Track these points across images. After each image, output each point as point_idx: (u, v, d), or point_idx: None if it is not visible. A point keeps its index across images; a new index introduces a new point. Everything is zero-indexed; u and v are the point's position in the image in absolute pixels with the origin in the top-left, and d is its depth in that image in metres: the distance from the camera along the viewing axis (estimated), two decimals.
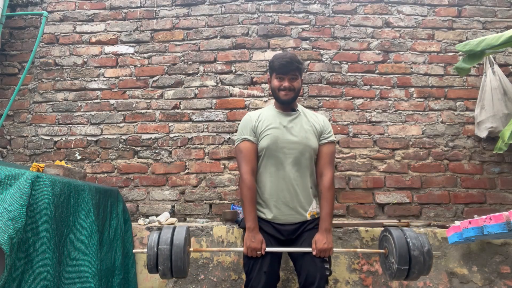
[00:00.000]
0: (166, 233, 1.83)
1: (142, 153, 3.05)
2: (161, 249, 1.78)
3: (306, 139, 2.03)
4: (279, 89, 2.03)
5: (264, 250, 1.89)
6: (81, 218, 1.97)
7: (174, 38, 3.21)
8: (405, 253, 1.80)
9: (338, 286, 2.50)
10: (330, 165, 2.06)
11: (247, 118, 2.11)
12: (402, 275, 1.84)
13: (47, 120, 3.15)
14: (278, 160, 2.01)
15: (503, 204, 2.83)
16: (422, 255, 1.80)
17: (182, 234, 1.84)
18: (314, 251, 1.88)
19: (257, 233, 1.92)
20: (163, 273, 1.80)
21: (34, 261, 1.56)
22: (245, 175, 1.97)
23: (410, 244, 1.81)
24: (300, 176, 2.01)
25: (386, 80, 3.07)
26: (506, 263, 2.48)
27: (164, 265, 1.78)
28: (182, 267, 1.79)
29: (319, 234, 1.93)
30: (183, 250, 1.79)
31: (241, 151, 2.03)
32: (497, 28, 3.12)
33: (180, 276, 1.85)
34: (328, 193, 2.00)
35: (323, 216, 1.96)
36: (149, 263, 1.80)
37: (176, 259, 1.78)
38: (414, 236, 1.85)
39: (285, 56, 2.02)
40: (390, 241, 1.89)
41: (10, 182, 1.56)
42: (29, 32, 3.33)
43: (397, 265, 1.81)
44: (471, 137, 2.95)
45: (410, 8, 3.17)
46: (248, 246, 1.89)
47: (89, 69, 3.21)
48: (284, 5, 3.20)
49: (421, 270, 1.82)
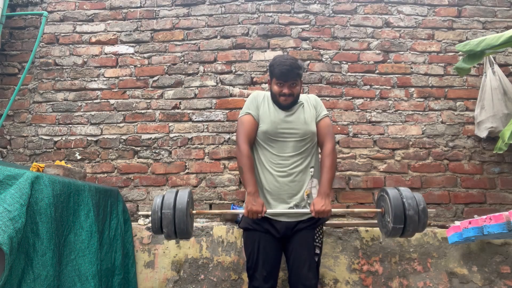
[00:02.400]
0: (169, 197, 1.90)
1: (142, 153, 3.05)
2: (165, 213, 1.85)
3: (306, 124, 2.10)
4: (279, 94, 2.09)
5: (264, 213, 1.95)
6: (81, 218, 1.97)
7: (174, 38, 3.21)
8: (401, 212, 1.86)
9: (338, 286, 2.50)
10: (329, 136, 2.13)
11: (255, 95, 2.19)
12: (397, 233, 1.90)
13: (47, 120, 3.15)
14: (278, 144, 2.07)
15: (503, 204, 2.83)
16: (417, 214, 1.85)
17: (184, 197, 1.90)
18: (312, 213, 1.94)
19: (257, 197, 1.98)
20: (167, 235, 1.88)
21: (34, 261, 1.56)
22: (243, 144, 2.04)
23: (405, 204, 1.86)
24: (300, 159, 2.07)
25: (386, 80, 3.07)
26: (506, 263, 2.48)
27: (168, 227, 1.85)
28: (185, 229, 1.87)
29: (318, 197, 1.99)
30: (185, 213, 1.86)
31: (243, 123, 2.11)
32: (497, 28, 3.12)
33: (184, 237, 1.93)
34: (327, 159, 2.06)
35: (322, 181, 2.02)
36: (153, 226, 1.89)
37: (179, 222, 1.85)
38: (410, 196, 1.90)
39: (285, 63, 2.03)
40: (387, 201, 1.94)
41: (10, 182, 1.56)
42: (29, 32, 3.33)
43: (393, 224, 1.87)
44: (471, 137, 2.95)
45: (410, 8, 3.17)
46: (249, 209, 1.94)
47: (89, 69, 3.21)
48: (284, 5, 3.20)
49: (416, 228, 1.88)
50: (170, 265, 2.60)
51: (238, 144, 2.07)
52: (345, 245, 2.57)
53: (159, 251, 2.63)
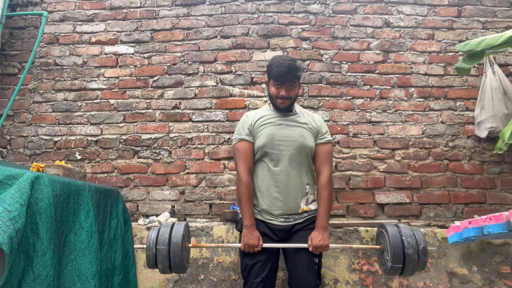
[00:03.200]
0: (164, 232, 1.85)
1: (142, 153, 3.05)
2: (159, 249, 1.80)
3: (302, 137, 2.04)
4: (277, 97, 2.04)
5: (261, 246, 1.92)
6: (81, 218, 1.97)
7: (174, 38, 3.21)
8: (399, 251, 1.80)
9: (338, 286, 2.50)
10: (327, 164, 2.07)
11: (244, 118, 2.13)
12: (396, 273, 1.85)
13: (47, 120, 3.15)
14: (275, 157, 2.02)
15: (503, 204, 2.83)
16: (416, 253, 1.80)
17: (180, 232, 1.85)
18: (310, 248, 1.91)
19: (254, 230, 1.94)
20: (162, 270, 1.85)
21: (34, 261, 1.56)
22: (242, 174, 2.00)
23: (404, 243, 1.80)
24: (296, 173, 2.02)
25: (386, 80, 3.07)
26: (506, 263, 2.48)
27: (163, 264, 1.81)
28: (181, 264, 1.82)
29: (316, 231, 1.95)
30: (180, 248, 1.82)
31: (238, 150, 2.05)
32: (497, 28, 3.12)
33: (180, 272, 1.89)
34: (325, 191, 2.01)
35: (320, 213, 1.98)
36: (148, 262, 1.85)
37: (174, 257, 1.80)
38: (409, 234, 1.83)
39: (283, 64, 1.98)
40: (386, 238, 1.90)
41: (10, 182, 1.56)
42: (29, 32, 3.33)
43: (391, 263, 1.82)
44: (471, 137, 2.95)
45: (410, 8, 3.18)
46: (246, 243, 1.92)
47: (89, 69, 3.21)
48: (284, 5, 3.20)
49: (415, 267, 1.82)
50: None
51: (238, 174, 2.02)
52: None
53: None
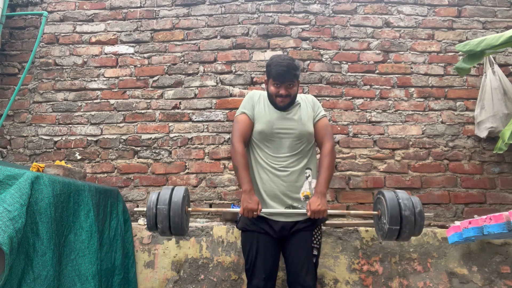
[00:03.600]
0: (165, 193, 1.88)
1: (142, 153, 3.05)
2: (160, 208, 1.83)
3: (302, 125, 2.08)
4: (276, 95, 2.06)
5: (260, 211, 1.94)
6: (81, 218, 1.97)
7: (174, 38, 3.21)
8: (396, 213, 1.84)
9: (338, 286, 2.50)
10: (328, 135, 2.11)
11: (251, 95, 2.18)
12: (393, 235, 1.87)
13: (47, 120, 3.15)
14: (274, 144, 2.05)
15: (503, 204, 2.83)
16: (413, 215, 1.83)
17: (180, 193, 1.88)
18: (308, 212, 1.93)
19: (253, 194, 1.96)
20: (162, 231, 1.85)
21: (34, 261, 1.56)
22: (237, 143, 2.04)
23: (401, 205, 1.84)
24: (297, 160, 2.05)
25: (386, 80, 3.07)
26: (506, 263, 2.48)
27: (163, 223, 1.83)
28: (180, 224, 1.84)
29: (314, 196, 1.97)
30: (181, 208, 1.84)
31: (238, 122, 2.11)
32: (497, 28, 3.12)
33: (179, 234, 1.90)
34: (325, 159, 2.04)
35: (319, 180, 2.01)
36: (148, 222, 1.86)
37: (174, 216, 1.82)
38: (406, 197, 1.88)
39: (282, 63, 2.00)
40: (383, 203, 1.92)
41: (10, 182, 1.56)
42: (29, 32, 3.33)
43: (389, 225, 1.84)
44: (471, 137, 2.95)
45: (410, 8, 3.18)
46: (245, 207, 1.93)
47: (89, 69, 3.21)
48: (284, 5, 3.20)
49: (412, 230, 1.85)
50: (170, 265, 2.60)
51: (233, 143, 2.06)
52: (345, 245, 2.57)
53: (159, 251, 2.63)
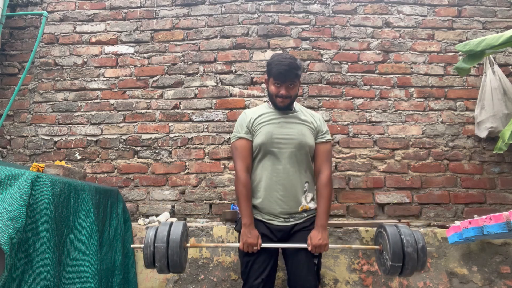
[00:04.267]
0: (162, 230, 1.84)
1: (142, 153, 3.05)
2: (158, 246, 1.79)
3: (302, 135, 2.03)
4: (276, 95, 2.02)
5: (260, 245, 1.91)
6: (81, 218, 1.97)
7: (174, 38, 3.22)
8: (399, 250, 1.81)
9: (338, 286, 2.50)
10: (327, 163, 2.06)
11: (243, 116, 2.11)
12: (396, 272, 1.85)
13: (47, 120, 3.15)
14: (274, 155, 2.01)
15: (503, 204, 2.83)
16: (416, 252, 1.81)
17: (178, 230, 1.84)
18: (309, 247, 1.90)
19: (253, 228, 1.93)
20: (160, 269, 1.82)
21: (34, 261, 1.56)
22: (240, 172, 1.98)
23: (404, 241, 1.81)
24: (296, 172, 2.01)
25: (386, 80, 3.07)
26: (506, 263, 2.48)
27: (161, 262, 1.79)
28: (179, 262, 1.80)
29: (315, 230, 1.94)
30: (179, 245, 1.80)
31: (237, 148, 2.04)
32: (497, 28, 3.12)
33: (177, 271, 1.86)
34: (324, 190, 2.00)
35: (319, 213, 1.97)
36: (146, 260, 1.82)
37: (173, 254, 1.78)
38: (408, 233, 1.85)
39: (283, 62, 1.96)
40: (385, 238, 1.89)
41: (10, 182, 1.56)
42: (29, 32, 3.33)
43: (391, 262, 1.82)
44: (471, 137, 2.95)
45: (410, 8, 3.18)
46: (245, 242, 1.90)
47: (89, 69, 3.21)
48: (284, 5, 3.20)
49: (415, 266, 1.83)
50: None
51: (236, 172, 2.00)
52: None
53: None
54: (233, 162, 2.13)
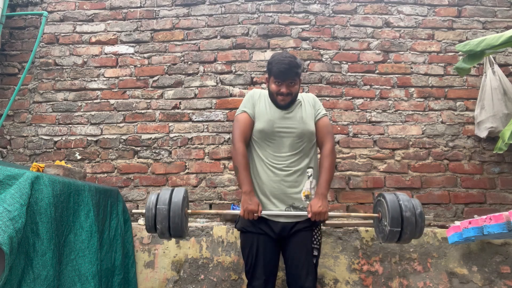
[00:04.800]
0: (164, 193, 1.87)
1: (142, 153, 3.05)
2: (159, 208, 1.80)
3: (303, 123, 2.06)
4: (277, 93, 2.03)
5: (260, 212, 1.93)
6: (81, 218, 1.97)
7: (174, 38, 3.22)
8: (398, 214, 1.83)
9: (338, 286, 2.50)
10: (329, 135, 2.09)
11: (251, 93, 2.16)
12: (394, 237, 1.86)
13: (47, 120, 3.15)
14: (275, 143, 2.03)
15: (503, 204, 2.83)
16: (414, 216, 1.83)
17: (180, 194, 1.87)
18: (309, 214, 1.92)
19: (253, 196, 1.95)
20: (161, 232, 1.82)
21: (34, 261, 1.56)
22: (238, 143, 2.01)
23: (402, 206, 1.84)
24: (298, 159, 2.03)
25: (386, 80, 3.07)
26: (506, 263, 2.48)
27: (162, 224, 1.80)
28: (180, 225, 1.81)
29: (315, 198, 1.96)
30: (181, 208, 1.82)
31: (238, 121, 2.08)
32: (497, 28, 3.12)
33: (178, 235, 1.86)
34: (326, 160, 2.03)
35: (320, 182, 2.00)
36: (147, 223, 1.82)
37: (174, 216, 1.79)
38: (406, 199, 1.89)
39: (284, 61, 1.98)
40: (384, 205, 1.92)
41: (10, 182, 1.56)
42: (29, 32, 3.33)
43: (390, 227, 1.84)
44: (471, 137, 2.95)
45: (410, 8, 3.18)
46: (245, 208, 1.92)
47: (89, 69, 3.21)
48: (284, 5, 3.20)
49: (413, 231, 1.84)
50: (170, 265, 2.60)
51: (234, 143, 2.04)
52: (345, 245, 2.57)
53: (159, 251, 2.63)
54: (232, 134, 2.16)
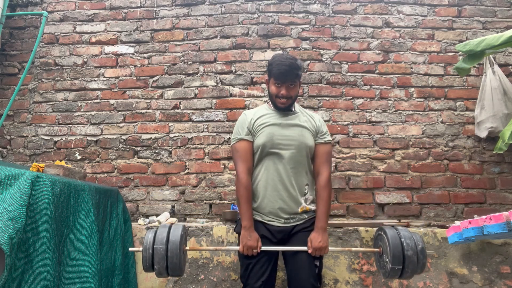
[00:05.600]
0: (162, 232, 1.82)
1: (142, 153, 3.05)
2: (157, 248, 1.76)
3: (302, 136, 2.03)
4: (277, 96, 2.02)
5: (260, 248, 1.90)
6: (81, 218, 1.97)
7: (174, 38, 3.22)
8: (399, 253, 1.80)
9: (338, 286, 2.50)
10: (327, 164, 2.06)
11: (243, 117, 2.10)
12: (396, 275, 1.84)
13: (47, 120, 3.15)
14: (275, 156, 2.00)
15: (503, 204, 2.83)
16: (415, 254, 1.80)
17: (178, 232, 1.83)
18: (309, 250, 1.89)
19: (253, 231, 1.92)
20: (159, 272, 1.79)
21: (34, 261, 1.56)
22: (241, 174, 1.97)
23: (404, 244, 1.81)
24: (296, 173, 2.00)
25: (386, 80, 3.07)
26: (506, 263, 2.48)
27: (160, 264, 1.76)
28: (178, 265, 1.78)
29: (315, 232, 1.93)
30: (178, 247, 1.78)
31: (237, 151, 2.03)
32: (497, 28, 3.12)
33: (176, 275, 1.84)
34: (324, 191, 1.99)
35: (318, 215, 1.96)
36: (144, 263, 1.78)
37: (172, 256, 1.76)
38: (408, 235, 1.84)
39: (284, 63, 1.96)
40: (385, 241, 1.89)
41: (10, 182, 1.56)
42: (29, 32, 3.33)
43: (391, 265, 1.81)
44: (471, 137, 2.95)
45: (410, 8, 3.18)
46: (244, 244, 1.89)
47: (89, 69, 3.21)
48: (284, 5, 3.20)
49: (415, 269, 1.83)
50: None
51: (237, 174, 2.00)
52: (345, 245, 2.57)
53: None
54: (234, 164, 2.12)
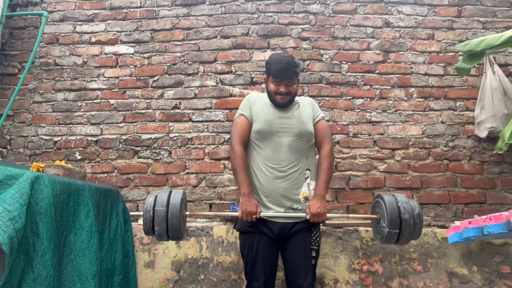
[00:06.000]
0: (162, 195, 1.87)
1: (142, 153, 3.05)
2: (157, 210, 1.80)
3: (302, 123, 2.07)
4: (276, 93, 2.05)
5: (259, 214, 1.93)
6: (81, 218, 1.97)
7: (174, 38, 3.22)
8: (396, 216, 1.83)
9: (338, 286, 2.50)
10: (327, 138, 2.11)
11: (248, 97, 2.19)
12: (393, 239, 1.86)
13: (47, 120, 3.15)
14: (273, 143, 2.03)
15: (503, 204, 2.83)
16: (412, 218, 1.83)
17: (178, 196, 1.87)
18: (307, 215, 1.92)
19: (251, 197, 1.96)
20: (159, 234, 1.82)
21: (34, 261, 1.56)
22: (236, 145, 2.03)
23: (400, 208, 1.84)
24: (296, 159, 2.03)
25: (386, 80, 3.07)
26: (506, 263, 2.49)
27: (160, 226, 1.80)
28: (178, 227, 1.81)
29: (314, 199, 1.97)
30: (179, 209, 1.82)
31: (236, 124, 2.11)
32: (497, 28, 3.12)
33: (176, 237, 1.86)
34: (325, 161, 2.04)
35: (318, 183, 2.00)
36: (145, 226, 1.82)
37: (172, 218, 1.79)
38: (405, 200, 1.89)
39: (282, 61, 2.00)
40: (382, 206, 1.92)
41: (10, 182, 1.56)
42: (29, 32, 3.33)
43: (388, 229, 1.84)
44: (471, 137, 2.95)
45: (410, 8, 3.18)
46: (244, 210, 1.92)
47: (89, 69, 3.21)
48: (284, 5, 3.20)
49: (412, 233, 1.85)
50: (170, 265, 2.60)
51: (232, 145, 2.05)
52: (345, 245, 2.57)
53: (159, 251, 2.63)
54: (230, 137, 2.18)
